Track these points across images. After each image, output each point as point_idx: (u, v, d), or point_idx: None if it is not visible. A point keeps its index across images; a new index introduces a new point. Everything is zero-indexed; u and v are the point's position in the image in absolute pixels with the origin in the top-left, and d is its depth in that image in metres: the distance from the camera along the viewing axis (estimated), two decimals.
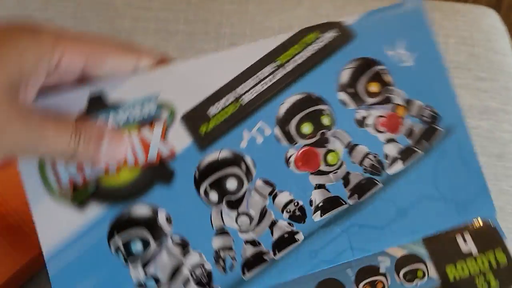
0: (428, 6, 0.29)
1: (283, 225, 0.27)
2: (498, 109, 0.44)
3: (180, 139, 0.27)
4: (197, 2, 0.49)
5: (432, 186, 0.28)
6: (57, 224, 0.26)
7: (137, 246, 0.26)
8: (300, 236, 0.27)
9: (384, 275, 0.29)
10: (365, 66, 0.28)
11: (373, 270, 0.28)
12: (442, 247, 0.28)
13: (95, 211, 0.26)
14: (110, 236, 0.26)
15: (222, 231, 0.27)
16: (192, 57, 0.28)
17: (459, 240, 0.28)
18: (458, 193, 0.28)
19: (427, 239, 0.28)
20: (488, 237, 0.28)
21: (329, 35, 0.29)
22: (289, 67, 0.28)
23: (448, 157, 0.28)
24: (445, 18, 0.49)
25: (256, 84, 0.28)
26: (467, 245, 0.28)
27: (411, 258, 0.28)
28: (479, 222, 0.29)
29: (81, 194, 0.26)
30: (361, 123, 0.28)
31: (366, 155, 0.28)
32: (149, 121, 0.27)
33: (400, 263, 0.28)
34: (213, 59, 0.28)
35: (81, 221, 0.26)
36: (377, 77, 0.28)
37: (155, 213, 0.27)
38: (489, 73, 0.46)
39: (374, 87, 0.28)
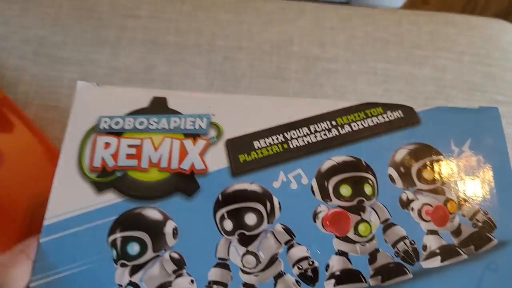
0: (440, 19, 0.27)
1: (290, 281, 0.24)
2: None
3: (217, 160, 0.27)
4: (189, 10, 0.45)
5: None
6: (71, 197, 0.26)
7: (134, 248, 0.25)
8: None
9: None
10: (425, 151, 0.27)
11: None
12: None
13: (111, 198, 0.26)
14: (113, 228, 0.25)
15: (223, 264, 0.25)
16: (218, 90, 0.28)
17: None
18: None
19: None
20: None
21: (394, 114, 0.28)
22: (346, 129, 0.28)
23: (498, 272, 0.24)
24: (460, 33, 0.44)
25: (308, 135, 0.28)
26: None
27: None
28: None
29: (106, 178, 0.26)
30: (405, 204, 0.26)
31: (402, 239, 0.25)
32: (194, 135, 0.27)
33: None
34: (274, 101, 0.29)
35: (93, 202, 0.26)
36: (433, 165, 0.27)
37: (164, 221, 0.25)
38: (506, 95, 0.40)
39: (428, 174, 0.27)
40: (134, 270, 0.24)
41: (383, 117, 0.28)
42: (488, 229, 0.26)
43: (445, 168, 0.27)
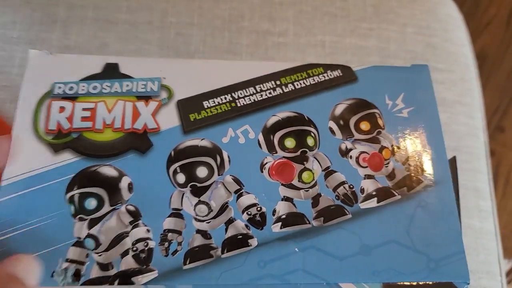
0: None
1: (240, 226, 0.26)
2: (455, 101, 0.42)
3: (169, 119, 0.28)
4: None
5: (404, 233, 0.26)
6: (27, 159, 0.27)
7: (91, 203, 0.26)
8: (253, 242, 0.26)
9: None
10: (361, 105, 0.30)
11: None
12: None
13: (66, 158, 0.27)
14: (70, 186, 0.26)
15: (177, 214, 0.26)
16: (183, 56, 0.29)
17: None
18: (432, 248, 0.26)
19: (387, 286, 0.25)
20: None
21: (333, 73, 0.30)
22: (289, 88, 0.30)
23: (428, 210, 0.27)
24: (402, 6, 0.47)
25: (254, 94, 0.29)
26: None
27: None
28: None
29: (61, 139, 0.27)
30: (344, 153, 0.28)
31: (341, 183, 0.27)
32: (146, 97, 0.29)
33: None
34: (222, 64, 0.30)
35: (50, 162, 0.27)
36: (370, 118, 0.29)
37: (119, 177, 0.27)
38: (446, 64, 0.43)
39: (364, 126, 0.29)
40: (92, 223, 0.26)
41: (324, 76, 0.30)
42: (419, 172, 0.28)
43: (380, 119, 0.29)
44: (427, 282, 0.25)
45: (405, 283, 0.25)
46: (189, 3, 0.46)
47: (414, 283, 0.25)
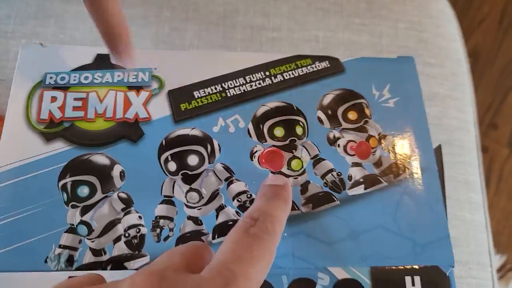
0: None
1: (230, 212, 0.27)
2: (446, 95, 0.43)
3: (160, 109, 0.29)
4: None
5: (391, 219, 0.27)
6: (19, 148, 0.27)
7: (83, 191, 0.26)
8: None
9: None
10: (348, 95, 0.30)
11: (309, 284, 0.25)
12: (387, 283, 0.26)
13: (59, 147, 0.27)
14: (63, 174, 0.27)
15: (168, 201, 0.27)
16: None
17: (408, 281, 0.26)
18: (418, 234, 0.27)
19: (375, 270, 0.26)
20: (438, 287, 0.26)
21: (321, 64, 0.31)
22: (279, 78, 0.30)
23: (414, 196, 0.28)
24: (394, 1, 0.48)
25: (244, 84, 0.30)
26: None
27: (352, 284, 0.26)
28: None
29: (53, 129, 0.28)
30: (332, 142, 0.29)
31: (330, 171, 0.28)
32: (138, 88, 0.29)
33: (339, 285, 0.25)
34: (212, 55, 0.31)
35: (42, 151, 0.27)
36: (357, 107, 0.30)
37: (111, 165, 0.27)
38: (437, 59, 0.44)
39: (352, 115, 0.30)
40: (85, 210, 0.26)
41: (312, 67, 0.31)
42: (405, 159, 0.29)
43: (367, 109, 0.30)
44: (414, 266, 0.26)
45: (392, 267, 0.26)
46: None
47: (401, 267, 0.26)
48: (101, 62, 0.30)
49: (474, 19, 1.12)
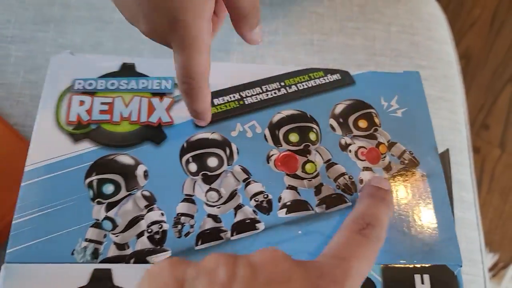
0: None
1: (248, 211, 0.28)
2: (438, 97, 0.44)
3: (182, 114, 0.30)
4: None
5: (401, 220, 0.28)
6: (49, 147, 0.29)
7: (108, 188, 0.28)
8: (261, 226, 0.28)
9: None
10: (358, 105, 0.32)
11: None
12: (398, 281, 0.27)
13: (86, 147, 0.29)
14: (89, 172, 0.28)
15: (190, 199, 0.28)
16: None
17: (417, 279, 0.27)
18: (427, 234, 0.28)
19: (385, 268, 0.27)
20: (446, 285, 0.27)
21: (333, 76, 0.33)
22: (293, 89, 0.32)
23: (422, 199, 0.29)
24: (387, 5, 0.49)
25: (261, 93, 0.32)
26: (423, 286, 0.27)
27: (366, 282, 0.27)
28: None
29: (81, 130, 0.29)
30: (344, 148, 0.31)
31: (342, 174, 0.30)
32: (161, 94, 0.31)
33: None
34: (231, 66, 0.33)
35: (70, 150, 0.29)
36: (367, 116, 0.32)
37: (135, 165, 0.29)
38: (429, 61, 0.46)
39: (362, 123, 0.31)
40: (110, 206, 0.27)
41: (324, 79, 0.33)
42: (413, 165, 0.30)
43: (377, 118, 0.32)
44: (423, 265, 0.27)
45: (402, 265, 0.27)
46: None
47: (411, 266, 0.27)
48: (126, 70, 0.32)
49: (465, 22, 1.16)
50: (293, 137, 0.30)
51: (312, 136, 0.31)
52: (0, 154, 0.35)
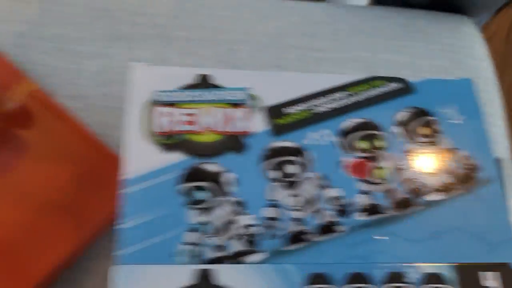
0: (408, 14, 0.33)
1: (327, 214, 0.30)
2: None
3: (258, 123, 0.33)
4: (193, 7, 0.51)
5: (466, 222, 0.31)
6: (142, 159, 0.31)
7: (200, 195, 0.30)
8: (341, 229, 0.30)
9: (408, 284, 0.30)
10: (420, 113, 0.34)
11: (399, 277, 0.29)
12: (468, 278, 0.29)
13: (176, 157, 0.31)
14: (181, 180, 0.30)
15: (274, 204, 0.30)
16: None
17: (484, 276, 0.30)
18: (489, 235, 0.31)
19: (456, 266, 0.30)
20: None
21: (394, 85, 0.35)
22: (357, 97, 0.35)
23: (484, 203, 0.32)
24: (428, 25, 0.53)
25: (330, 102, 0.34)
26: (491, 282, 0.30)
27: (436, 278, 0.29)
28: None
29: (170, 141, 0.31)
30: (409, 154, 0.33)
31: (410, 179, 0.32)
32: (237, 104, 0.33)
33: (425, 279, 0.29)
34: (300, 76, 0.35)
35: (163, 161, 0.31)
36: (428, 124, 0.34)
37: (223, 173, 0.31)
38: (469, 77, 0.49)
39: (424, 130, 0.34)
40: (203, 211, 0.30)
41: (386, 88, 0.35)
42: (474, 169, 0.33)
43: (438, 125, 0.34)
44: (488, 263, 0.30)
45: (471, 263, 0.30)
46: (237, 21, 0.51)
47: (478, 263, 0.30)
48: (203, 82, 0.34)
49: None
50: (363, 145, 0.33)
51: (380, 143, 0.33)
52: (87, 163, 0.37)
